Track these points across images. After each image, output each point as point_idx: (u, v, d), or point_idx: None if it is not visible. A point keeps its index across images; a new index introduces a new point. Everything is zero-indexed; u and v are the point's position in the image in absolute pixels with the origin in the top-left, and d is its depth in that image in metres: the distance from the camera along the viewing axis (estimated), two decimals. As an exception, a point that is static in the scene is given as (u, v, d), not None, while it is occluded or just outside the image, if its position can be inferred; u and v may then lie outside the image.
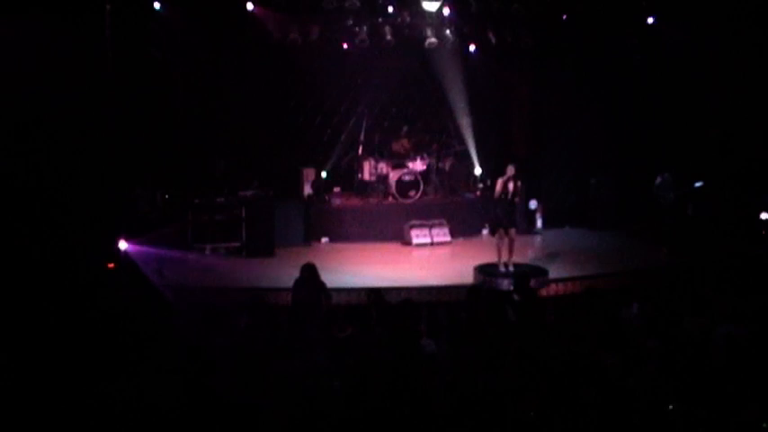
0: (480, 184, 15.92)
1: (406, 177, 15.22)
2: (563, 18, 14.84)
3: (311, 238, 14.54)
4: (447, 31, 14.92)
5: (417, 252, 14.16)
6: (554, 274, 11.83)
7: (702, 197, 13.87)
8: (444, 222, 14.74)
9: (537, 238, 15.18)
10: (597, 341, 7.07)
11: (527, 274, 10.63)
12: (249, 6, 13.97)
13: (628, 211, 15.21)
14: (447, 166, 16.07)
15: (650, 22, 14.77)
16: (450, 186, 15.96)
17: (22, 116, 10.70)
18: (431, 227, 14.61)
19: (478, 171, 16.02)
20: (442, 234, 14.60)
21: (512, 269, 11.72)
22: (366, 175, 15.55)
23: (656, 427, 5.65)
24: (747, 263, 10.92)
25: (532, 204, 15.42)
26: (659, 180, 13.92)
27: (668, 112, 14.64)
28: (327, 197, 15.41)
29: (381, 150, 15.64)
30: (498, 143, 16.31)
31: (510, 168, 11.75)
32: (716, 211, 13.52)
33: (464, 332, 7.87)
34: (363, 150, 15.63)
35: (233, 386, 6.08)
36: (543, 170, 15.86)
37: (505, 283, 11.19)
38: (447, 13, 14.40)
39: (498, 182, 11.83)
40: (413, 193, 15.17)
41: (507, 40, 15.22)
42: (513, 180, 11.69)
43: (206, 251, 13.44)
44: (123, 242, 12.55)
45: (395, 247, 14.45)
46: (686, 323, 7.42)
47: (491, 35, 15.10)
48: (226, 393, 5.92)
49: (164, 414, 5.77)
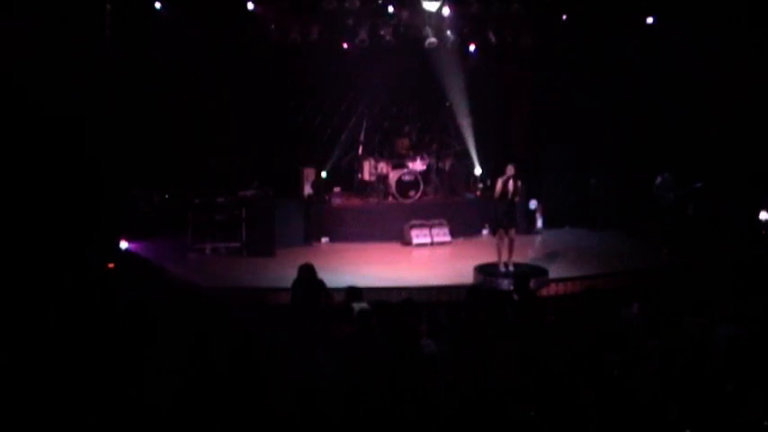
0: (480, 184, 15.92)
1: (406, 177, 15.22)
2: (563, 18, 14.84)
3: (311, 238, 14.54)
4: (447, 31, 14.91)
5: (417, 252, 14.16)
6: (554, 273, 11.85)
7: (702, 197, 13.87)
8: (444, 222, 14.75)
9: (537, 238, 15.17)
10: (597, 341, 7.07)
11: (527, 274, 10.61)
12: (249, 6, 13.97)
13: (628, 211, 15.22)
14: (447, 165, 16.07)
15: (650, 22, 14.76)
16: (450, 186, 15.96)
17: (21, 116, 10.70)
18: (431, 227, 14.61)
19: (478, 171, 16.01)
20: (442, 234, 14.60)
21: (512, 269, 11.73)
22: (366, 175, 15.54)
23: (656, 427, 5.65)
24: (747, 263, 10.93)
25: (532, 204, 15.42)
26: (659, 180, 13.93)
27: (668, 112, 14.65)
28: (327, 197, 15.40)
29: (381, 150, 15.64)
30: (498, 143, 16.30)
31: (509, 168, 11.76)
32: (716, 211, 13.53)
33: (464, 332, 7.86)
34: (363, 150, 15.63)
35: (233, 385, 6.08)
36: (543, 170, 15.87)
37: (505, 283, 11.20)
38: (447, 12, 14.40)
39: (498, 182, 11.84)
40: (413, 193, 15.17)
41: (507, 40, 15.22)
42: (513, 180, 11.70)
43: (206, 251, 13.44)
44: (124, 242, 12.60)
45: (395, 247, 14.44)
46: (686, 323, 7.41)
47: (491, 35, 15.10)
48: (225, 392, 5.93)
49: (164, 414, 5.78)
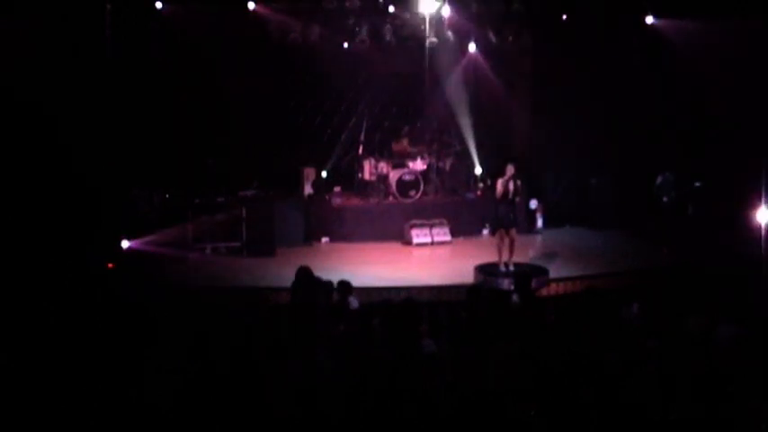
0: (480, 184, 15.91)
1: (407, 177, 15.22)
2: (563, 18, 14.83)
3: (311, 237, 14.54)
4: (447, 31, 14.91)
5: (418, 252, 14.16)
6: (554, 273, 11.85)
7: (702, 197, 13.85)
8: (445, 222, 14.74)
9: (537, 238, 15.16)
10: (597, 341, 7.06)
11: (528, 275, 10.62)
12: (251, 6, 13.98)
13: (628, 210, 15.20)
14: (447, 165, 16.06)
15: (650, 21, 14.75)
16: (451, 186, 15.95)
17: (21, 116, 10.72)
18: (431, 226, 14.61)
19: (479, 171, 16.01)
20: (442, 234, 14.60)
21: (512, 269, 11.73)
22: (366, 175, 15.53)
23: (656, 427, 5.64)
24: (747, 262, 10.90)
25: (533, 204, 15.41)
26: (660, 180, 13.92)
27: (668, 112, 14.63)
28: (328, 197, 15.40)
29: (382, 150, 15.62)
30: (498, 143, 16.30)
31: (509, 168, 11.75)
32: (716, 211, 13.51)
33: (464, 332, 7.85)
34: (364, 150, 15.62)
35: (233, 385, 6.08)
36: (543, 170, 15.86)
37: (506, 283, 11.20)
38: (447, 12, 14.40)
39: (498, 182, 11.83)
40: (413, 192, 15.16)
41: (507, 40, 15.21)
42: (513, 179, 11.70)
43: (206, 251, 13.44)
44: (125, 242, 12.60)
45: (395, 246, 14.44)
46: (687, 323, 7.41)
47: (491, 35, 15.09)
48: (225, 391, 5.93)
49: (164, 414, 5.78)
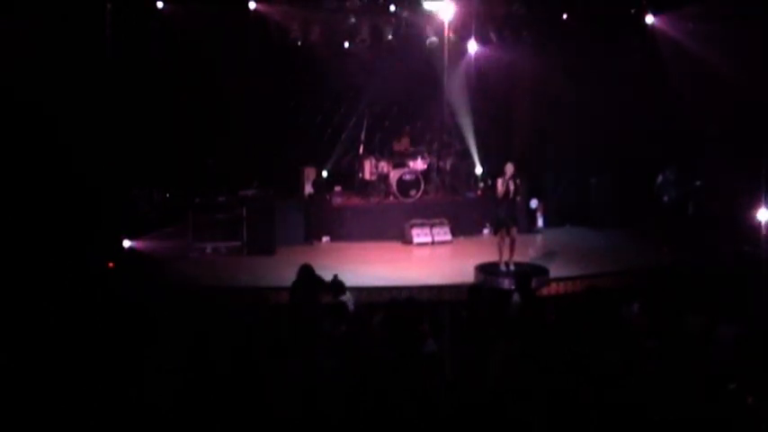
0: (481, 184, 15.91)
1: (407, 176, 15.21)
2: (563, 18, 14.82)
3: (312, 237, 14.53)
4: (448, 31, 14.90)
5: (418, 251, 14.15)
6: (555, 273, 11.84)
7: (703, 196, 13.84)
8: (445, 221, 14.72)
9: (538, 237, 15.15)
10: (598, 340, 7.07)
11: (529, 274, 10.61)
12: (251, 5, 13.98)
13: (628, 210, 15.19)
14: (448, 165, 16.04)
15: (650, 21, 14.76)
16: (451, 185, 15.93)
17: (21, 116, 10.72)
18: (432, 226, 14.60)
19: (479, 170, 16.00)
20: (442, 233, 14.58)
21: (512, 268, 11.72)
22: (367, 175, 15.52)
23: (656, 426, 5.64)
24: (747, 262, 10.91)
25: (533, 203, 15.39)
26: (660, 179, 13.91)
27: (669, 111, 14.62)
28: (328, 196, 15.38)
29: (382, 149, 15.62)
30: (499, 142, 16.29)
31: (509, 167, 11.74)
32: (716, 211, 13.50)
33: (465, 331, 7.86)
34: (364, 149, 15.61)
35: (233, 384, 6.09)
36: (544, 169, 15.85)
37: (506, 282, 11.19)
38: (448, 12, 14.39)
39: (498, 182, 11.82)
40: (414, 192, 15.15)
41: (508, 39, 15.21)
42: (513, 179, 11.69)
43: (207, 250, 13.45)
44: (126, 241, 12.62)
45: (396, 246, 14.42)
46: (687, 322, 7.41)
47: (492, 34, 15.08)
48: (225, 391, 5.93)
49: (164, 413, 5.78)
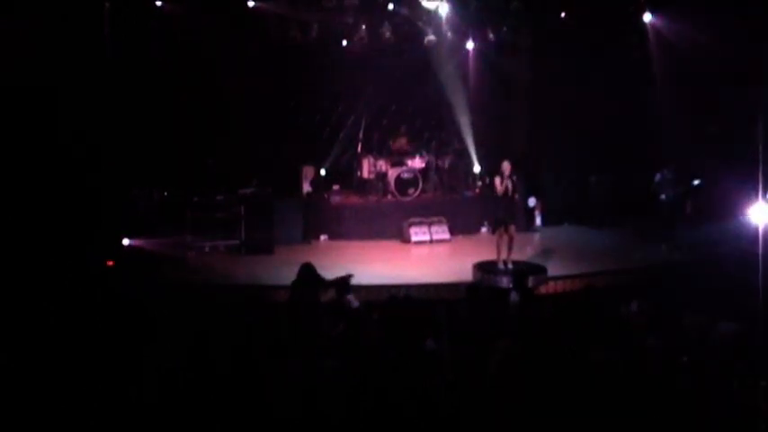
0: (479, 182, 15.92)
1: (405, 175, 15.22)
2: (562, 16, 14.82)
3: (310, 235, 14.53)
4: (446, 29, 14.90)
5: (416, 250, 14.16)
6: (553, 271, 11.85)
7: (701, 195, 13.86)
8: (443, 220, 14.75)
9: (536, 236, 15.17)
10: (596, 339, 7.07)
11: (524, 272, 10.64)
12: (250, 4, 13.97)
13: (627, 208, 15.21)
14: (446, 163, 16.05)
15: (649, 19, 14.77)
16: (450, 184, 15.95)
17: (21, 116, 10.70)
18: (430, 224, 14.62)
19: (477, 169, 16.01)
20: (441, 232, 14.60)
21: (511, 267, 11.73)
22: (365, 173, 15.53)
23: (656, 425, 5.66)
24: (745, 260, 10.91)
25: (531, 202, 15.41)
26: (659, 177, 13.93)
27: (668, 110, 14.63)
28: (326, 195, 15.39)
29: (380, 148, 15.63)
30: (497, 141, 16.29)
31: (505, 165, 11.76)
32: (715, 209, 13.51)
33: (463, 330, 7.86)
34: (362, 148, 15.63)
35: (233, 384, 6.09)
36: (542, 167, 15.86)
37: (505, 281, 11.19)
38: (446, 10, 14.39)
39: (497, 180, 11.83)
40: (412, 190, 15.17)
41: (506, 38, 15.21)
42: (510, 176, 11.71)
43: (205, 249, 13.44)
44: (125, 240, 12.62)
45: (394, 244, 14.44)
46: (686, 321, 7.42)
47: (490, 33, 15.08)
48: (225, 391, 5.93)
49: (163, 413, 5.78)
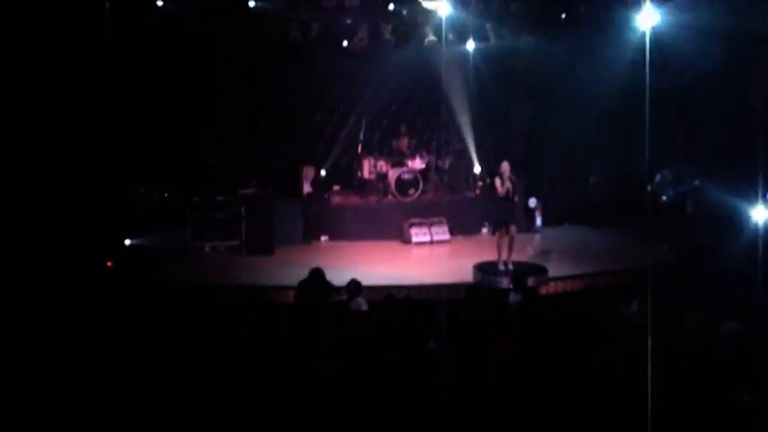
0: (480, 183, 15.91)
1: (406, 176, 15.21)
2: (562, 17, 14.82)
3: (311, 236, 14.51)
4: (446, 30, 14.89)
5: (417, 250, 14.16)
6: (553, 272, 11.85)
7: (701, 195, 13.86)
8: (444, 220, 14.73)
9: (536, 236, 15.15)
10: (596, 339, 7.07)
11: (523, 273, 10.64)
12: (250, 3, 13.98)
13: (627, 209, 15.19)
14: (446, 164, 16.04)
15: (647, 19, 14.74)
16: (450, 184, 15.93)
17: (21, 116, 10.71)
18: (430, 225, 14.61)
19: (478, 169, 16.00)
20: (441, 232, 14.59)
21: (511, 267, 11.73)
22: (365, 174, 15.52)
23: (655, 425, 5.65)
24: (745, 261, 10.91)
25: (532, 202, 15.40)
26: (659, 177, 13.93)
27: (667, 110, 14.62)
28: (327, 195, 15.39)
29: (381, 148, 15.63)
30: (498, 141, 16.29)
31: (505, 165, 11.76)
32: (715, 209, 13.51)
33: (464, 330, 7.86)
34: (363, 149, 15.61)
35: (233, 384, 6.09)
36: (543, 168, 15.86)
37: (505, 282, 11.20)
38: (446, 11, 14.38)
39: (497, 181, 11.83)
40: (412, 191, 15.16)
41: (506, 39, 15.21)
42: (510, 177, 11.71)
43: (205, 249, 13.44)
44: (126, 240, 12.63)
45: (394, 245, 14.43)
46: (686, 321, 7.42)
47: (490, 33, 15.08)
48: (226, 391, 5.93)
49: (163, 413, 5.78)
